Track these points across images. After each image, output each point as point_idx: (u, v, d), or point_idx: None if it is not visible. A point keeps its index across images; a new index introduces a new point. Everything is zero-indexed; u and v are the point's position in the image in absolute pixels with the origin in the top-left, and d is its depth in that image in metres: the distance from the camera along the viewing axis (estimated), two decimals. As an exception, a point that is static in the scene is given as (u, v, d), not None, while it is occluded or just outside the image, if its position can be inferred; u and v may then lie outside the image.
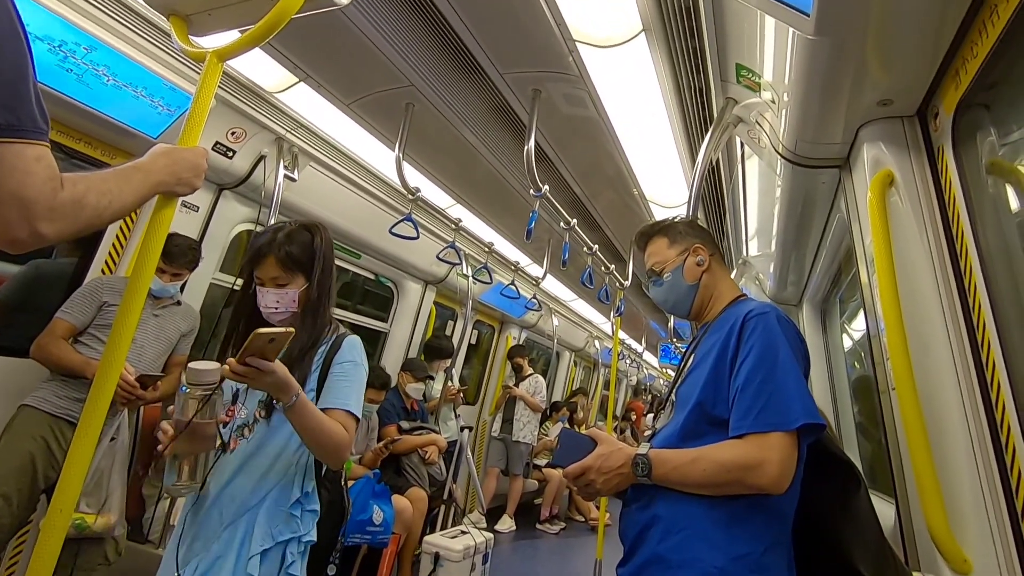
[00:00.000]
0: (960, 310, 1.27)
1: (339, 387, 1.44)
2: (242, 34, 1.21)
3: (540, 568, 4.94)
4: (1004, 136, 1.21)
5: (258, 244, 1.50)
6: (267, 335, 1.21)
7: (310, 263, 1.50)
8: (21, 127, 0.82)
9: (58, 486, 1.02)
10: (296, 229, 1.53)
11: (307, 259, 1.50)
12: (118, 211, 0.99)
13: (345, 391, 1.44)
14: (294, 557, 1.36)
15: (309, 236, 1.53)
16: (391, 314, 4.77)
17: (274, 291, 1.47)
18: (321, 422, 1.34)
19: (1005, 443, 1.12)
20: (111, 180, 0.98)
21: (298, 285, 1.49)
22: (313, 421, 1.33)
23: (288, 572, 1.35)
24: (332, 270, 1.56)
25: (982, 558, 1.13)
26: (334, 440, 1.36)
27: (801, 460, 1.16)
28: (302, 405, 1.31)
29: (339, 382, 1.45)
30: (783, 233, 2.44)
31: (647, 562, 1.21)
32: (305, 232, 1.53)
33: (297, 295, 1.48)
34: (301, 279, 1.49)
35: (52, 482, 2.17)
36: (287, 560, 1.35)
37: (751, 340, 1.21)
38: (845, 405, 2.78)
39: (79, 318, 2.33)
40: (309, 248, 1.51)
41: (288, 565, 1.35)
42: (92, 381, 1.06)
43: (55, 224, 0.86)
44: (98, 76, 2.17)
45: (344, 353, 1.49)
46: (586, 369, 9.76)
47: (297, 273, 1.49)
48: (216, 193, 3.04)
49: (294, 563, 1.36)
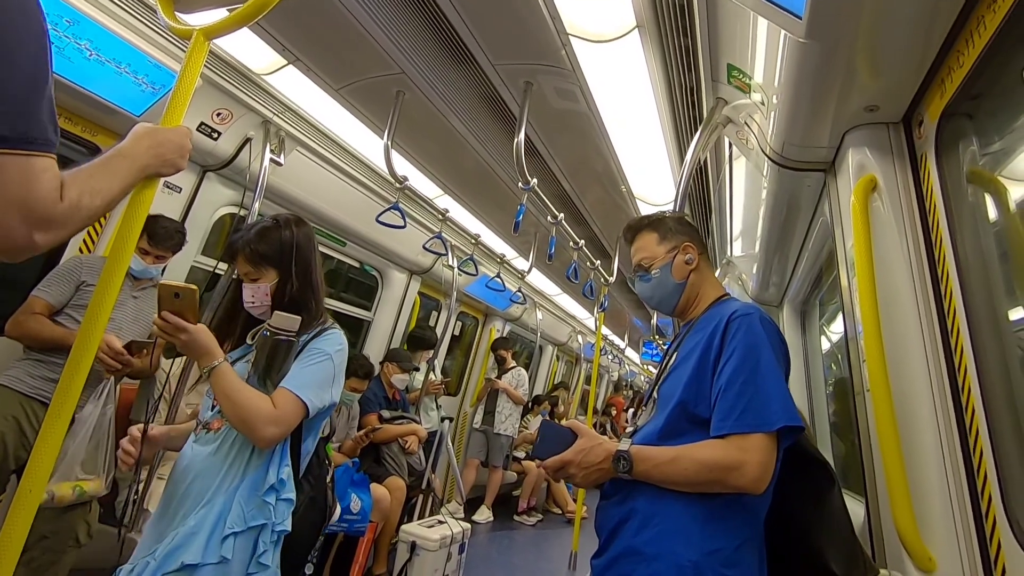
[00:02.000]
0: (935, 315, 1.30)
1: (295, 370, 1.43)
2: (230, 13, 1.19)
3: (516, 559, 4.98)
4: (985, 146, 1.24)
5: (231, 240, 1.54)
6: (171, 288, 1.34)
7: (279, 257, 1.52)
8: (30, 139, 0.81)
9: (29, 465, 1.01)
10: (268, 225, 1.56)
11: (275, 253, 1.52)
12: (108, 205, 0.98)
13: (299, 375, 1.42)
14: (266, 546, 1.34)
15: (279, 231, 1.55)
16: (375, 303, 4.74)
17: (249, 286, 1.51)
18: (238, 393, 1.34)
19: (973, 446, 1.15)
20: (99, 176, 0.96)
21: (269, 279, 1.51)
22: (230, 390, 1.34)
23: (259, 561, 1.33)
24: (313, 263, 1.57)
25: (947, 557, 1.16)
26: (251, 413, 1.33)
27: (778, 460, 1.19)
28: (219, 373, 1.35)
29: (299, 367, 1.44)
30: (767, 234, 2.47)
31: (622, 554, 1.23)
32: (275, 227, 1.56)
33: (269, 289, 1.50)
34: (272, 273, 1.52)
35: (23, 462, 2.12)
36: (259, 549, 1.33)
37: (734, 341, 1.23)
38: (821, 406, 2.83)
39: (57, 296, 2.28)
40: (278, 243, 1.53)
41: (260, 554, 1.33)
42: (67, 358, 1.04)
43: (51, 233, 0.87)
44: (80, 50, 2.11)
45: (318, 341, 1.49)
46: (568, 363, 9.80)
47: (267, 268, 1.51)
48: (200, 175, 2.99)
49: (266, 552, 1.34)
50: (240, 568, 1.31)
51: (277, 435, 1.36)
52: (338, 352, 1.50)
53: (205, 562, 1.27)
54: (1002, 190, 1.21)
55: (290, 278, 1.52)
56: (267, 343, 1.39)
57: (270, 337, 1.38)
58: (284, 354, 1.40)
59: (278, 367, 1.40)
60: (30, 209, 0.82)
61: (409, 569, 3.36)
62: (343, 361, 1.52)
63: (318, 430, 1.55)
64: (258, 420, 1.33)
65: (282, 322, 1.39)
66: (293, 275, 1.52)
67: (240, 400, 1.34)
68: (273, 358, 1.39)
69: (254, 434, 1.35)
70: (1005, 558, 1.04)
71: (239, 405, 1.34)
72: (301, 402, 1.39)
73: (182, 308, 1.36)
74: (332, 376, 1.47)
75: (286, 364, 1.41)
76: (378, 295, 4.74)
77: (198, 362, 1.38)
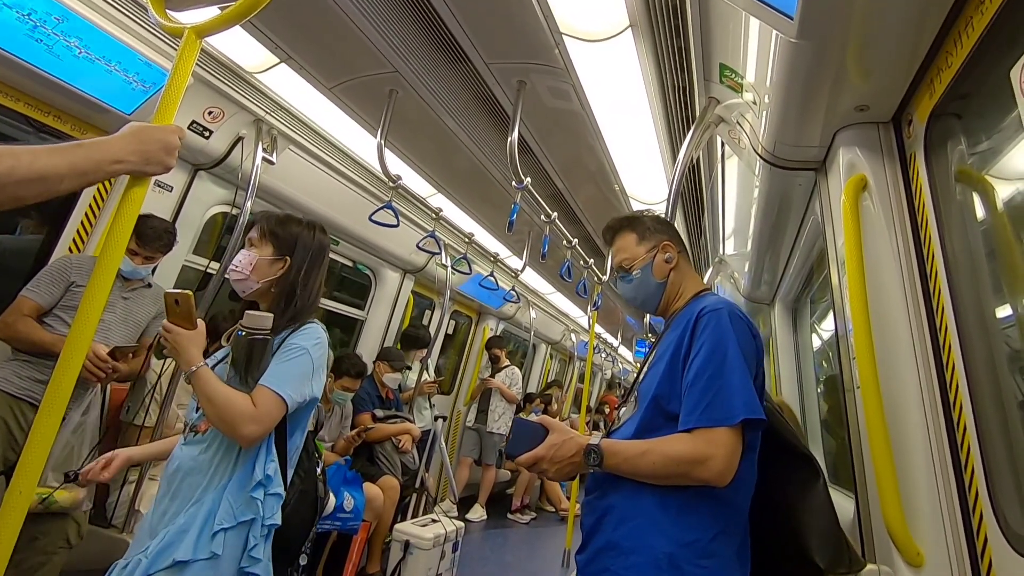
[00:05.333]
0: (924, 313, 1.31)
1: (273, 367, 1.43)
2: (222, 11, 1.18)
3: (510, 557, 4.98)
4: (973, 145, 1.25)
5: (257, 216, 1.58)
6: (172, 296, 1.41)
7: (290, 248, 1.55)
8: None
9: (18, 467, 1.00)
10: (295, 218, 1.62)
11: (287, 242, 1.56)
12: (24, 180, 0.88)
13: (276, 371, 1.42)
14: (256, 540, 1.36)
15: (301, 227, 1.60)
16: (368, 302, 4.73)
17: (242, 252, 1.54)
18: (218, 394, 1.37)
19: (960, 442, 1.17)
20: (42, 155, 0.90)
21: (264, 254, 1.53)
22: (210, 392, 1.37)
23: (251, 555, 1.35)
24: (317, 271, 1.61)
25: (935, 552, 1.17)
26: (231, 413, 1.34)
27: (753, 451, 1.22)
28: (199, 377, 1.38)
29: (276, 363, 1.44)
30: (759, 233, 2.48)
31: (602, 548, 1.25)
32: (299, 222, 1.61)
33: (256, 261, 1.52)
34: (269, 249, 1.54)
35: (11, 463, 2.11)
36: (250, 543, 1.35)
37: (702, 337, 1.25)
38: (812, 402, 2.85)
39: (46, 297, 2.26)
40: (295, 236, 1.57)
41: (251, 548, 1.35)
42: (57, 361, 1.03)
43: None
44: (69, 48, 2.09)
45: (295, 337, 1.49)
46: (562, 362, 9.81)
47: (269, 243, 1.55)
48: (191, 174, 2.96)
49: (256, 546, 1.36)
50: (231, 563, 1.33)
51: (259, 432, 1.37)
52: (316, 346, 1.50)
53: (196, 558, 1.29)
54: (989, 189, 1.22)
55: (290, 273, 1.54)
56: (242, 343, 1.41)
57: (244, 337, 1.41)
58: (260, 352, 1.42)
59: (256, 365, 1.42)
60: None
61: (403, 568, 3.36)
62: (322, 355, 1.52)
63: (305, 424, 1.56)
64: (238, 419, 1.34)
65: (255, 321, 1.41)
66: (295, 268, 1.55)
67: (220, 401, 1.36)
68: (250, 357, 1.42)
69: (235, 433, 1.36)
70: (992, 552, 1.06)
71: (219, 406, 1.35)
72: (280, 398, 1.39)
73: (183, 314, 1.42)
74: (311, 370, 1.47)
75: (263, 362, 1.43)
76: (371, 294, 4.73)
77: (181, 367, 1.42)
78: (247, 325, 1.41)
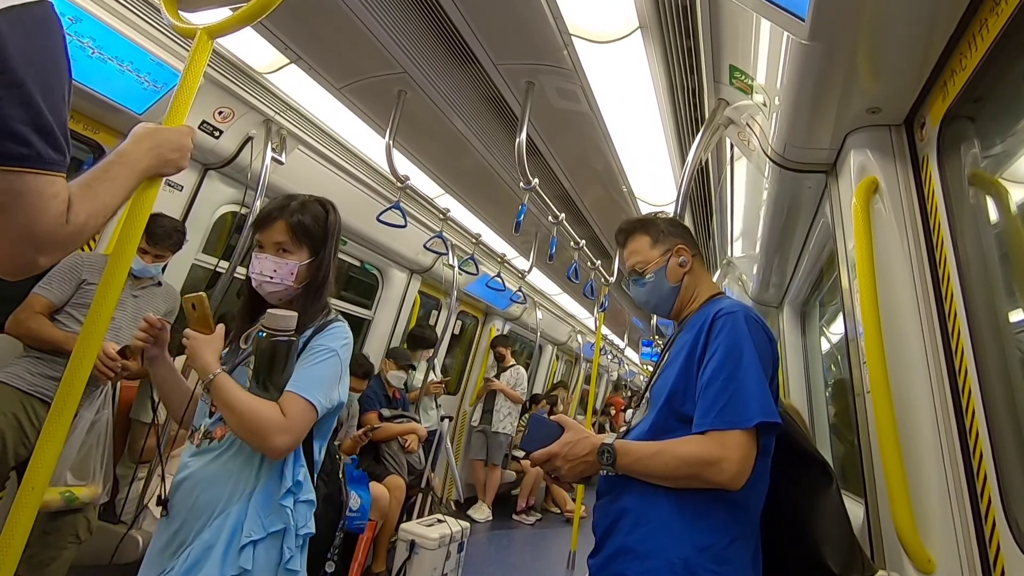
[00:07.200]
0: (936, 317, 1.30)
1: (300, 371, 1.31)
2: (234, 12, 1.19)
3: (514, 558, 4.98)
4: (987, 148, 1.24)
5: (268, 208, 1.42)
6: (189, 300, 1.34)
7: (321, 239, 1.42)
8: (43, 159, 0.81)
9: (31, 464, 1.01)
10: (310, 201, 1.44)
11: (319, 233, 1.42)
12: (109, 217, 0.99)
13: (305, 376, 1.30)
14: (292, 552, 1.26)
15: (324, 211, 1.45)
16: (375, 301, 4.74)
17: (274, 258, 1.37)
18: (241, 403, 1.24)
19: (973, 448, 1.15)
20: (102, 191, 0.97)
21: (301, 258, 1.39)
22: (232, 401, 1.24)
23: (287, 568, 1.24)
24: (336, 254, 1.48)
25: (946, 558, 1.16)
26: (259, 424, 1.22)
27: (767, 455, 1.20)
28: (217, 386, 1.26)
29: (304, 366, 1.32)
30: (768, 235, 2.47)
31: (616, 552, 1.24)
32: (319, 206, 1.45)
33: (297, 268, 1.37)
34: (306, 253, 1.40)
35: (23, 459, 2.13)
36: (285, 555, 1.25)
37: (718, 339, 1.23)
38: (821, 406, 2.83)
39: (57, 295, 2.28)
40: (323, 222, 1.43)
41: (287, 560, 1.24)
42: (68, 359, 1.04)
43: (54, 256, 0.89)
44: (82, 48, 2.11)
45: (322, 337, 1.37)
46: (568, 363, 9.80)
47: (304, 245, 1.39)
48: (201, 173, 2.98)
49: (292, 558, 1.26)
50: None
51: (289, 443, 1.25)
52: (344, 347, 1.38)
53: None
54: (1003, 193, 1.21)
55: (322, 264, 1.41)
56: (265, 345, 1.26)
57: (267, 339, 1.25)
58: (285, 356, 1.28)
59: (279, 370, 1.28)
60: (37, 237, 0.84)
61: (408, 568, 3.36)
62: (349, 356, 1.40)
63: (329, 428, 1.45)
64: (267, 430, 1.22)
65: (278, 322, 1.25)
66: (323, 261, 1.41)
67: (243, 410, 1.23)
68: (273, 361, 1.27)
69: (264, 444, 1.24)
70: (1004, 560, 1.05)
71: (243, 416, 1.23)
72: (311, 405, 1.27)
73: (200, 318, 1.36)
74: (340, 373, 1.36)
75: (288, 366, 1.29)
76: (378, 294, 4.74)
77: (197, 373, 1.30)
78: (269, 326, 1.26)
